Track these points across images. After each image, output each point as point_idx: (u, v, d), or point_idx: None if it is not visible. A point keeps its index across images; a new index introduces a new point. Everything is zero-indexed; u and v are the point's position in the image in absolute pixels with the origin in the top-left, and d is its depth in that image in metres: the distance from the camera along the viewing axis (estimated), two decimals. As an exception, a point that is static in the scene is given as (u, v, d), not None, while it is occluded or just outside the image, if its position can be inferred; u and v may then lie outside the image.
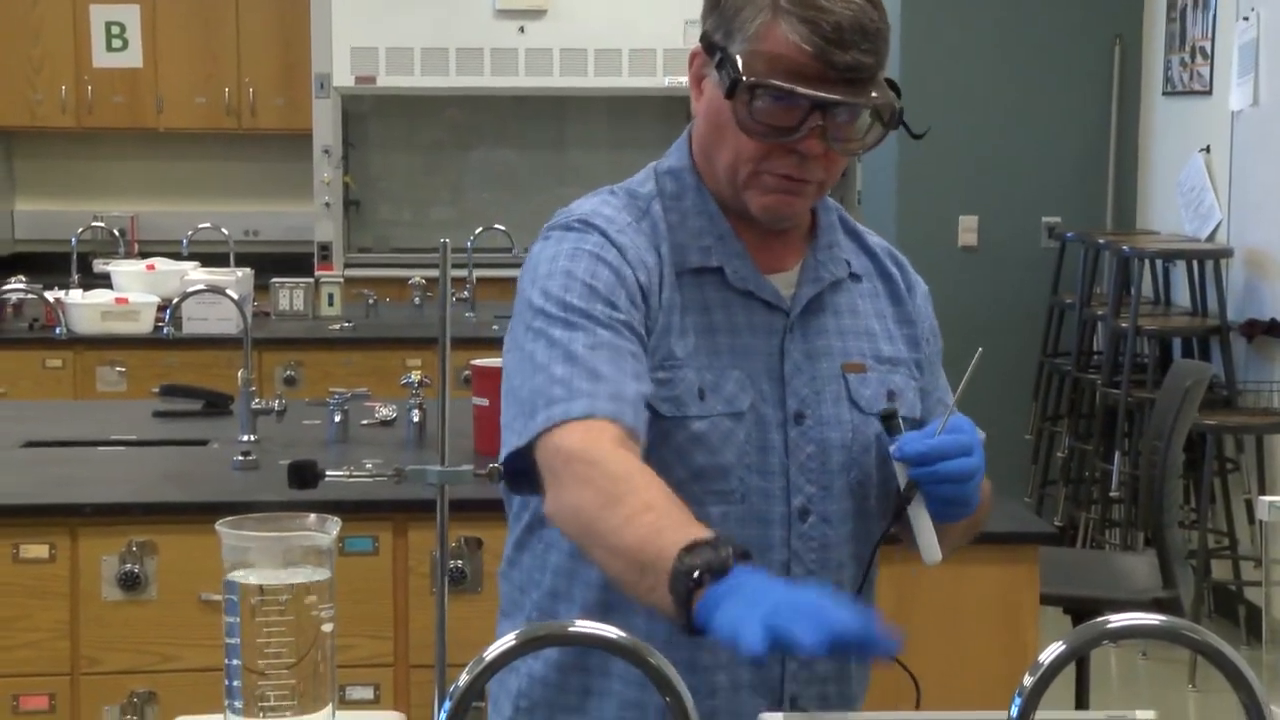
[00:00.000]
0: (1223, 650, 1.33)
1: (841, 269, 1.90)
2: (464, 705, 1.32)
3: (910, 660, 3.44)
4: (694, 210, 1.86)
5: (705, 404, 1.79)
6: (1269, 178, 6.01)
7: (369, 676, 3.34)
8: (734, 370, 1.81)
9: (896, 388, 1.88)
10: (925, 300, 1.98)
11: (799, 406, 1.83)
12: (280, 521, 1.56)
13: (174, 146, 8.30)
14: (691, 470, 1.78)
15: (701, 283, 1.84)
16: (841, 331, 1.88)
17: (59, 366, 5.75)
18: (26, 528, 3.36)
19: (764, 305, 1.85)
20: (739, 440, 1.80)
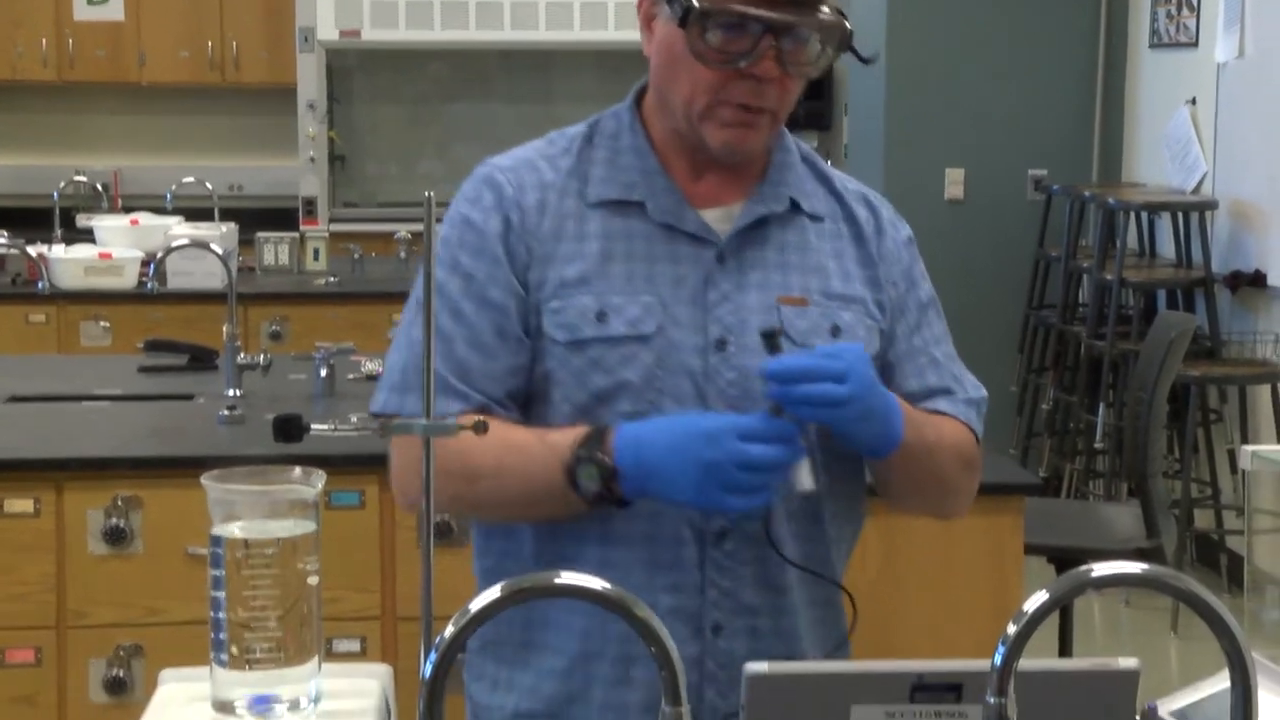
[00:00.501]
0: (1205, 598, 1.33)
1: (780, 204, 1.91)
2: (450, 657, 1.32)
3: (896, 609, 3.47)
4: (628, 148, 1.91)
5: (604, 326, 1.84)
6: (1254, 130, 6.01)
7: (356, 630, 3.35)
8: (645, 296, 1.85)
9: (844, 324, 1.89)
10: (903, 245, 1.99)
11: (721, 334, 1.85)
12: (266, 475, 1.56)
13: (157, 100, 8.25)
14: (591, 392, 1.83)
15: (624, 215, 1.88)
16: (785, 266, 1.90)
17: (42, 322, 5.74)
18: (11, 482, 3.36)
19: (689, 238, 1.88)
20: (644, 362, 1.83)
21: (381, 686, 1.61)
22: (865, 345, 1.88)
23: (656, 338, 1.84)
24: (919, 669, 1.43)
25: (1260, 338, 5.88)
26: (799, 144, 2.00)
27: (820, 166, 1.99)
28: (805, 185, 1.95)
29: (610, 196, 1.89)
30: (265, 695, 1.52)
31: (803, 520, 1.89)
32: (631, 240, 1.87)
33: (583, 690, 1.86)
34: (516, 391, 1.86)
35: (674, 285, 1.86)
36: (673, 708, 1.31)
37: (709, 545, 1.84)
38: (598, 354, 1.84)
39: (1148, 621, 5.64)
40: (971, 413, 1.96)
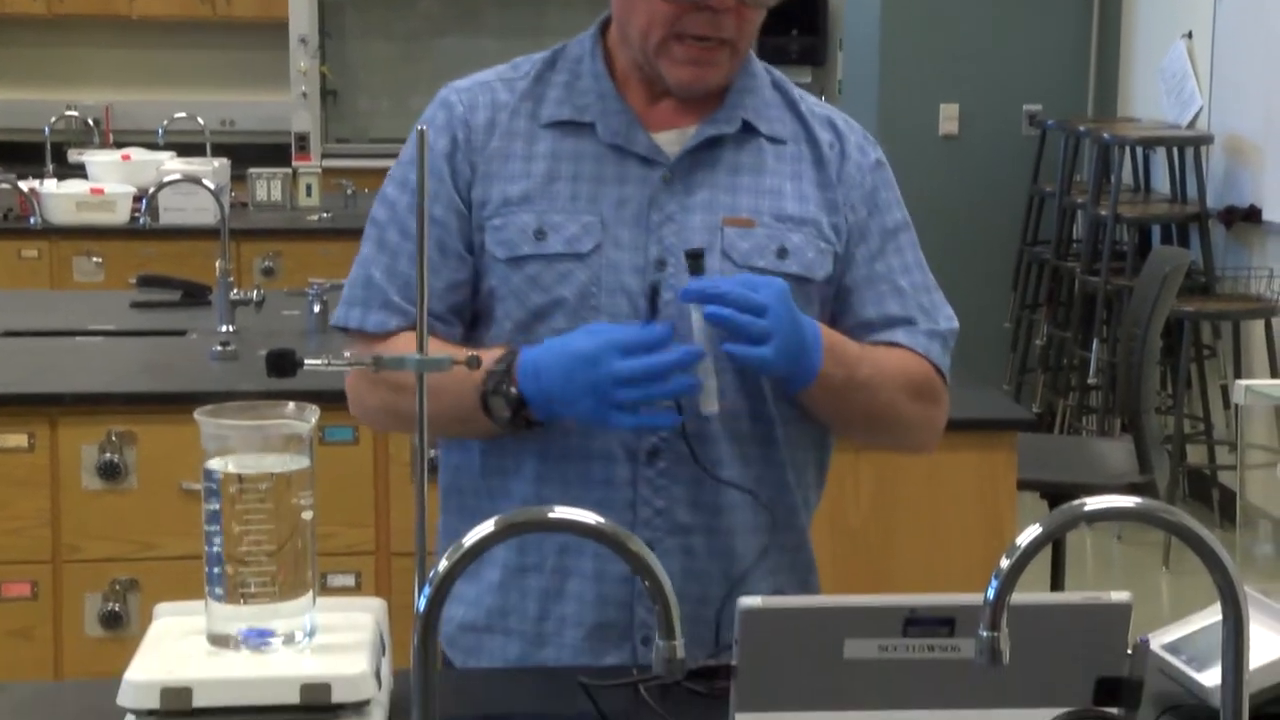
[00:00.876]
0: (1197, 532, 1.34)
1: (731, 126, 1.90)
2: (443, 591, 1.32)
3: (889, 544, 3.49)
4: (587, 72, 1.92)
5: (542, 244, 1.86)
6: (1251, 64, 5.98)
7: (350, 565, 3.36)
8: (586, 216, 1.87)
9: (791, 246, 1.88)
10: (869, 170, 1.95)
11: (661, 254, 1.86)
12: (259, 410, 1.56)
13: (148, 34, 8.19)
14: (529, 310, 1.86)
15: (575, 135, 1.90)
16: (735, 188, 1.90)
17: (34, 257, 5.72)
18: (5, 417, 3.35)
19: (638, 159, 1.89)
20: (580, 280, 1.85)
21: (376, 620, 1.62)
22: (815, 267, 1.89)
23: (594, 256, 1.86)
24: (912, 603, 1.44)
25: (1254, 273, 5.88)
26: (770, 70, 1.99)
27: (789, 92, 1.97)
28: (768, 110, 1.94)
29: (562, 117, 1.91)
30: (260, 629, 1.53)
31: (752, 443, 1.89)
32: (579, 161, 1.89)
33: (518, 602, 1.90)
34: (459, 306, 1.90)
35: (617, 205, 1.87)
36: (666, 641, 1.32)
37: (641, 464, 1.85)
38: (535, 271, 1.86)
39: (1140, 557, 5.67)
40: (935, 345, 1.93)
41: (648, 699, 1.68)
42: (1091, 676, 1.47)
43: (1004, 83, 7.03)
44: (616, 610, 1.88)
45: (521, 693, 1.79)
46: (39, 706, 1.72)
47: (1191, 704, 1.66)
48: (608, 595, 1.88)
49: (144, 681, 1.46)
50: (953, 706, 1.45)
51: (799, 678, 1.44)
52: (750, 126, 1.92)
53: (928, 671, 1.44)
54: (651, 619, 1.85)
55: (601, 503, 1.82)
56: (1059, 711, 1.47)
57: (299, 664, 1.50)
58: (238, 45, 8.21)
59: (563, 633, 1.89)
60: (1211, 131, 6.21)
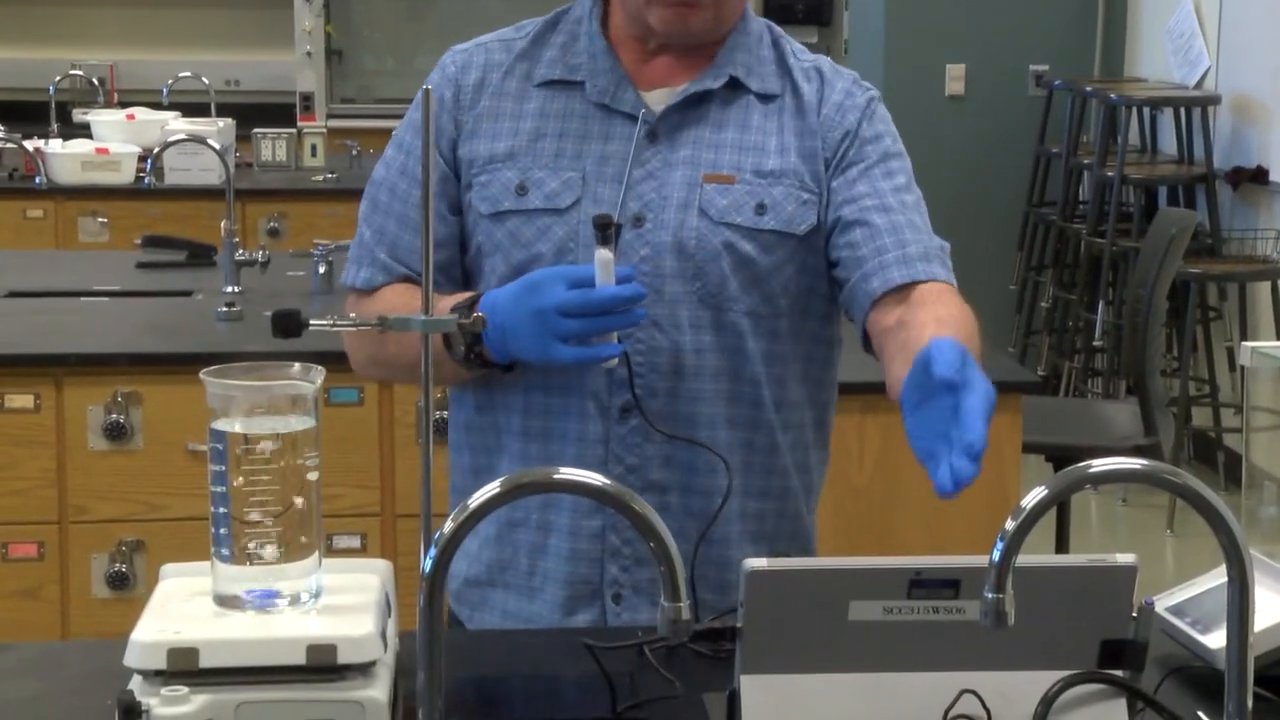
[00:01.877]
0: (1203, 494, 1.34)
1: (718, 81, 1.91)
2: (449, 552, 1.33)
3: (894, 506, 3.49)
4: (584, 32, 1.94)
5: (523, 200, 1.89)
6: (1259, 23, 5.95)
7: (356, 526, 3.37)
8: (569, 172, 1.89)
9: (771, 201, 1.88)
10: (849, 110, 1.92)
11: (639, 210, 1.87)
12: (265, 371, 1.55)
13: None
14: (512, 265, 1.88)
15: (566, 94, 1.92)
16: (717, 145, 1.90)
17: (40, 217, 5.71)
18: (11, 378, 3.36)
19: (624, 117, 1.90)
20: (558, 235, 1.87)
21: (381, 581, 1.62)
22: (796, 221, 1.88)
23: (572, 211, 1.88)
24: (917, 565, 1.44)
25: (1261, 234, 5.87)
26: (772, 28, 1.99)
27: (783, 48, 1.97)
28: (761, 67, 1.94)
29: (554, 76, 1.93)
30: (267, 590, 1.53)
31: (737, 403, 1.89)
32: (567, 119, 1.91)
33: (511, 556, 1.93)
34: (444, 263, 1.92)
35: (600, 161, 1.89)
36: (672, 603, 1.32)
37: (613, 421, 1.87)
38: (515, 226, 1.88)
39: (1144, 519, 5.67)
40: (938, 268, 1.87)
41: (652, 660, 1.68)
42: (1096, 639, 1.47)
43: (1010, 43, 7.00)
44: (588, 567, 1.90)
45: (525, 654, 1.79)
46: (46, 666, 1.73)
47: (1196, 666, 1.66)
48: (580, 552, 1.89)
49: (150, 642, 1.47)
50: (957, 668, 1.45)
51: (804, 639, 1.45)
52: (738, 83, 1.92)
53: (932, 633, 1.44)
54: (623, 577, 1.88)
55: (577, 459, 1.84)
56: (1064, 673, 1.47)
57: (305, 625, 1.51)
58: (242, 4, 8.18)
59: (546, 588, 1.91)
60: (1219, 92, 6.19)
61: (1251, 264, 5.82)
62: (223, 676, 1.46)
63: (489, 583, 1.95)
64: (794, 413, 1.95)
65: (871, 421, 3.29)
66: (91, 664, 1.69)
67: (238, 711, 1.46)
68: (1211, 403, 6.01)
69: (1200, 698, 1.59)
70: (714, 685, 1.58)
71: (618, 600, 1.90)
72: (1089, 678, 1.48)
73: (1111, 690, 1.48)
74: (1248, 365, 1.83)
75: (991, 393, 1.56)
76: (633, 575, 1.89)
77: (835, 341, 1.99)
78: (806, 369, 1.95)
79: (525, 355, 1.79)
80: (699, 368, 1.87)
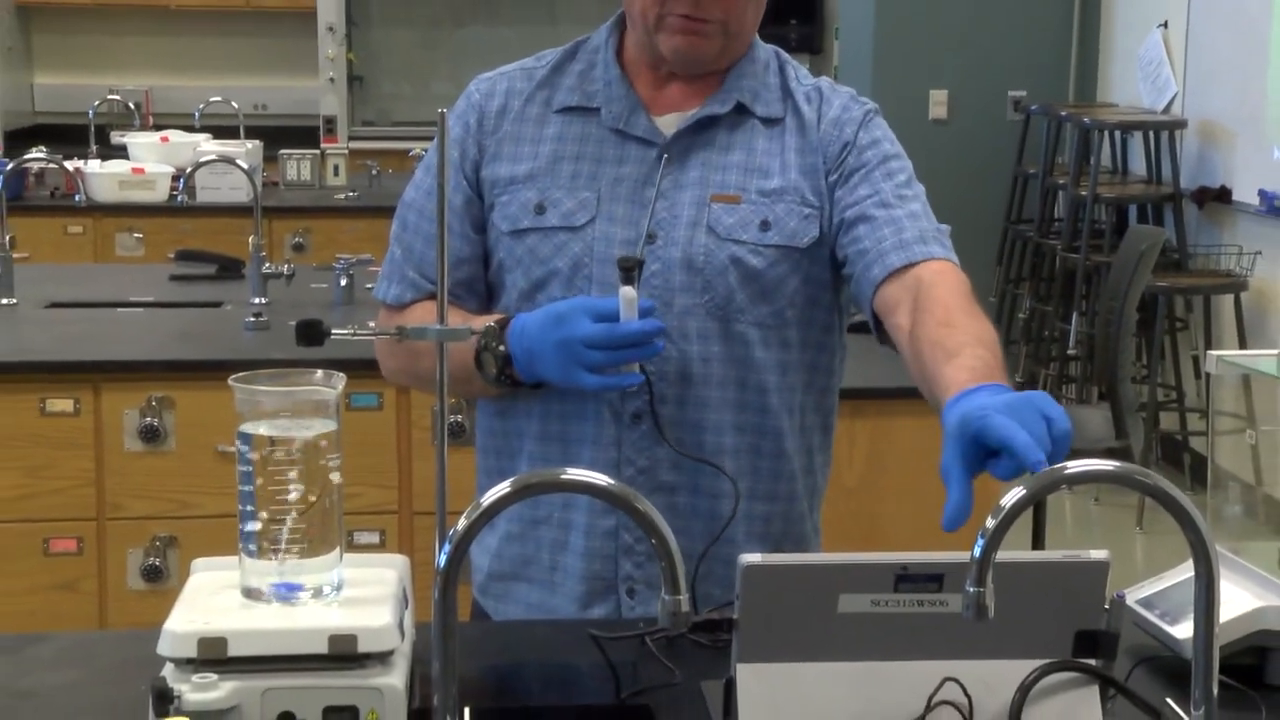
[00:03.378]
0: (1173, 494, 1.33)
1: (725, 106, 1.90)
2: (463, 548, 1.32)
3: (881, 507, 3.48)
4: (600, 60, 1.95)
5: (541, 218, 1.88)
6: (1223, 52, 5.96)
7: (375, 523, 3.37)
8: (585, 192, 1.89)
9: (774, 218, 1.87)
10: (847, 124, 1.92)
11: (653, 228, 1.87)
12: (290, 377, 1.55)
13: (186, 23, 8.18)
14: (531, 280, 1.88)
15: (583, 120, 1.92)
16: (724, 166, 1.90)
17: (80, 233, 5.72)
18: (52, 383, 3.36)
19: (638, 140, 1.90)
20: (573, 252, 1.87)
21: (399, 576, 1.62)
22: (799, 235, 1.88)
23: (588, 229, 1.87)
24: (903, 560, 1.43)
25: (1225, 250, 5.86)
26: (778, 53, 1.99)
27: (787, 73, 1.97)
28: (766, 92, 1.94)
29: (572, 103, 1.93)
30: (291, 583, 1.52)
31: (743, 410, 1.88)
32: (584, 143, 1.91)
33: (535, 552, 1.92)
34: (468, 280, 1.92)
35: (614, 183, 1.89)
36: (672, 596, 1.32)
37: (625, 426, 1.86)
38: (534, 243, 1.88)
39: (1115, 517, 5.66)
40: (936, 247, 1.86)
41: (654, 650, 1.68)
42: (1071, 630, 1.47)
43: (990, 70, 7.00)
44: (603, 563, 1.89)
45: (534, 644, 1.79)
46: (84, 655, 1.73)
47: (1165, 655, 1.66)
48: (595, 549, 1.89)
49: (182, 632, 1.46)
50: (941, 657, 1.45)
51: (797, 630, 1.44)
52: (744, 108, 1.92)
53: (918, 625, 1.44)
54: (636, 573, 1.88)
55: (591, 462, 1.83)
56: (1040, 662, 1.47)
57: (327, 616, 1.50)
58: (269, 33, 8.19)
59: (566, 583, 1.90)
60: (1185, 116, 6.19)
61: (1216, 278, 5.81)
62: (250, 664, 1.46)
63: (513, 576, 1.94)
64: (799, 418, 1.94)
65: (861, 424, 3.28)
66: (127, 653, 1.69)
67: (264, 697, 1.46)
68: (1178, 408, 6.00)
69: (1168, 685, 1.59)
70: (712, 673, 1.58)
71: (632, 594, 1.89)
72: (1064, 666, 1.47)
73: (1085, 678, 1.48)
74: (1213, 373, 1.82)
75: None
76: (645, 571, 1.88)
77: (838, 349, 1.98)
78: (811, 377, 1.94)
79: (551, 380, 1.79)
80: (707, 376, 1.86)
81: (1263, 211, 5.65)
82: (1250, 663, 1.65)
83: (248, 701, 1.45)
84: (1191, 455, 5.88)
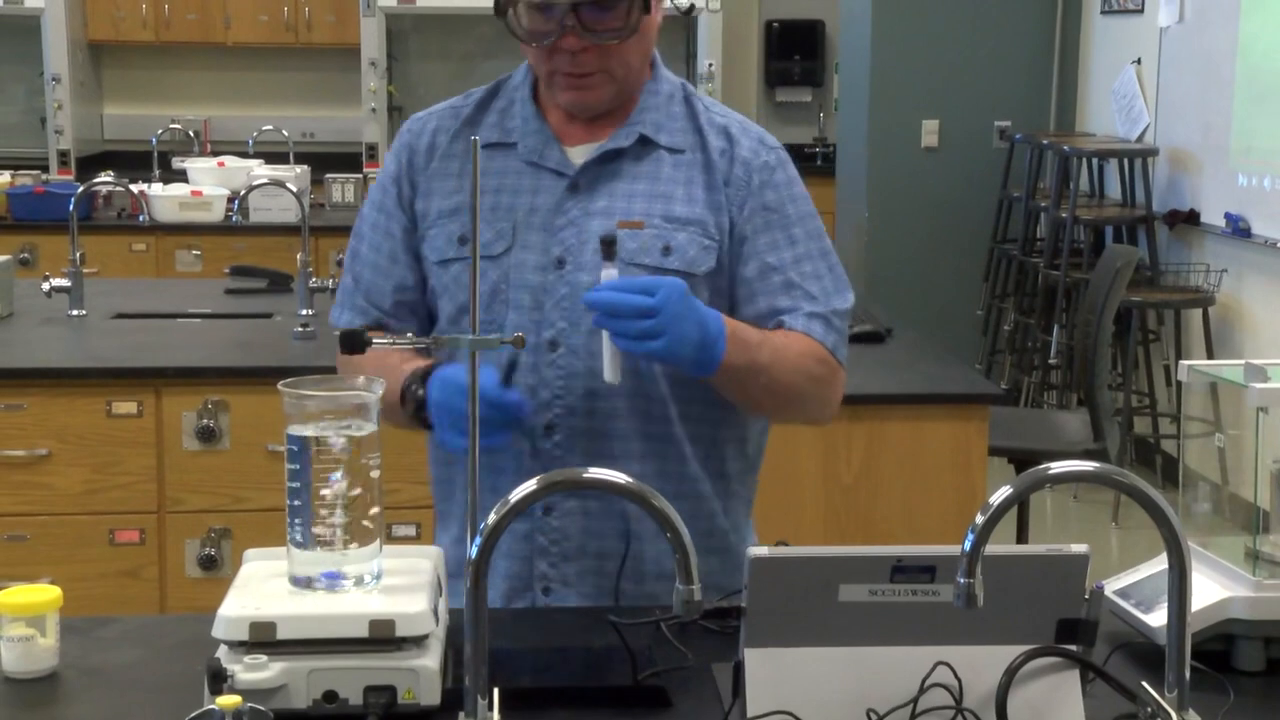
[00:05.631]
0: (1148, 492, 1.33)
1: (629, 139, 1.87)
2: (492, 541, 1.32)
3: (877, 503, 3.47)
4: (519, 98, 1.93)
5: (464, 248, 1.86)
6: (1191, 86, 5.94)
7: (411, 517, 3.36)
8: (502, 223, 1.87)
9: (675, 244, 1.83)
10: (756, 170, 1.88)
11: (561, 254, 1.85)
12: (334, 382, 1.55)
13: (241, 58, 8.20)
14: (457, 305, 1.87)
15: (503, 155, 1.90)
16: (631, 194, 1.86)
17: (143, 250, 5.74)
18: (118, 388, 3.36)
19: (551, 172, 1.88)
20: (491, 279, 1.85)
21: (433, 565, 1.61)
22: (698, 263, 1.83)
23: (504, 257, 1.85)
24: (898, 553, 1.43)
25: (1193, 268, 5.85)
26: (684, 84, 1.94)
27: (694, 104, 1.92)
28: (670, 123, 1.89)
29: (491, 140, 1.91)
30: (335, 572, 1.52)
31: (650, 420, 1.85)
32: (503, 176, 1.89)
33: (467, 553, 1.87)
34: (409, 304, 1.92)
35: (529, 213, 1.86)
36: (685, 585, 1.31)
37: (538, 438, 1.84)
38: (457, 271, 1.87)
39: (1092, 513, 5.64)
40: (815, 324, 1.85)
41: (668, 635, 1.67)
42: (1053, 618, 1.46)
43: (977, 102, 6.99)
44: (520, 564, 1.88)
45: (557, 630, 1.78)
46: (145, 637, 1.73)
47: (1140, 642, 1.65)
48: (514, 549, 1.88)
49: (235, 616, 1.46)
50: (933, 643, 1.44)
51: (800, 617, 1.43)
52: (648, 139, 1.88)
53: (912, 613, 1.43)
54: (551, 572, 1.87)
55: (514, 471, 1.81)
56: (1025, 648, 1.46)
57: (368, 603, 1.50)
58: (317, 68, 8.21)
59: (494, 581, 1.87)
60: (1157, 145, 6.17)
61: (1185, 293, 5.80)
62: (297, 647, 1.46)
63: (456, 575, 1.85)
64: (702, 427, 1.89)
65: (857, 427, 3.28)
66: (184, 635, 1.69)
67: (309, 677, 1.46)
68: (1150, 413, 5.98)
69: (1144, 669, 1.58)
70: (721, 657, 1.57)
71: (547, 592, 1.88)
72: (1047, 651, 1.46)
73: (1066, 662, 1.47)
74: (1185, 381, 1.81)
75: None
76: (560, 570, 1.86)
77: None
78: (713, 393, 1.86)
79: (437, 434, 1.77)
80: (612, 389, 1.80)
81: (1228, 233, 5.64)
82: (1219, 649, 1.64)
83: (294, 681, 1.45)
84: (1162, 456, 5.86)
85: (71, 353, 3.57)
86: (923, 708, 1.43)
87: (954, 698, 1.44)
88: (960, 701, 1.43)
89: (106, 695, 1.56)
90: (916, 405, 3.27)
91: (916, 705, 1.43)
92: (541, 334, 1.84)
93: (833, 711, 1.43)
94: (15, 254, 5.42)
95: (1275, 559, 1.69)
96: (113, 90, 8.26)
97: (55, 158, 7.34)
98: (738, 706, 1.44)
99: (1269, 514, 1.71)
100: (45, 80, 7.41)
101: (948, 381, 3.40)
